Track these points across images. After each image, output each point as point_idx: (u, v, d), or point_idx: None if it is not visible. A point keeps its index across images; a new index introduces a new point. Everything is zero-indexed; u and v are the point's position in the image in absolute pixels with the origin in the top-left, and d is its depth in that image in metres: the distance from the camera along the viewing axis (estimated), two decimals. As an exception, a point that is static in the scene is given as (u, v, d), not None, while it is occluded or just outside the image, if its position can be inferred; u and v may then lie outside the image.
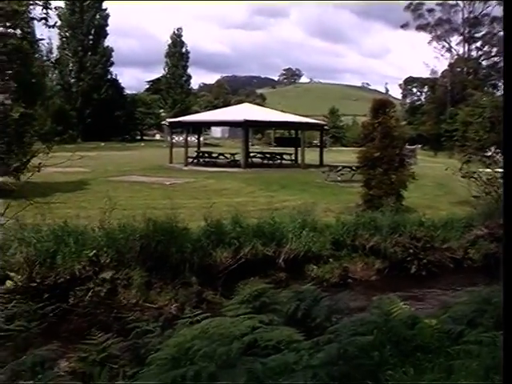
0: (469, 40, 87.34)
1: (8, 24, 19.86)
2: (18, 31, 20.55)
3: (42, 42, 21.37)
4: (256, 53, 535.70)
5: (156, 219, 15.36)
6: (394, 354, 6.07)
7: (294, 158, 46.19)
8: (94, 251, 14.25)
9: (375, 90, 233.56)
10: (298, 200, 24.40)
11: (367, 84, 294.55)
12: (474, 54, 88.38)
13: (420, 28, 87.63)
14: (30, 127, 23.74)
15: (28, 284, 13.49)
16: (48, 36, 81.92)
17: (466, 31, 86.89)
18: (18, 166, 11.21)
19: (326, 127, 54.36)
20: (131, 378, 6.68)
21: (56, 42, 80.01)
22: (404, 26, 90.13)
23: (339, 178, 32.95)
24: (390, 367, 5.72)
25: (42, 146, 10.85)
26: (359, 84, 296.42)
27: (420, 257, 18.10)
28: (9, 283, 13.47)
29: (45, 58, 72.92)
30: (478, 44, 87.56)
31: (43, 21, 16.64)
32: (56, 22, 11.17)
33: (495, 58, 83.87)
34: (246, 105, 57.80)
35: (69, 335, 11.56)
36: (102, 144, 66.28)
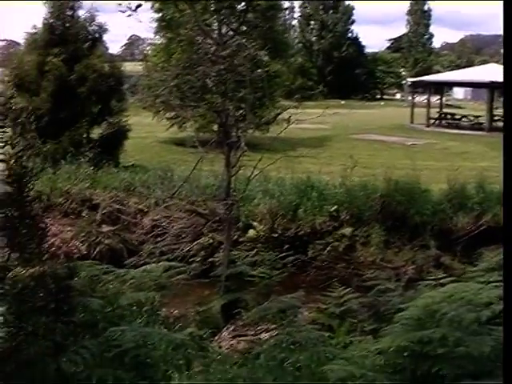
0: None
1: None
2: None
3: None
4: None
5: (397, 179, 15.25)
6: None
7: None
8: (335, 207, 14.47)
9: None
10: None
11: None
12: None
13: None
14: (276, 84, 24.52)
15: (269, 234, 14.06)
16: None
17: None
18: (268, 120, 11.69)
19: None
20: (369, 334, 6.76)
21: (297, 2, 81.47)
22: None
23: None
24: None
25: (288, 103, 11.12)
26: None
27: None
28: (251, 232, 14.15)
29: (287, 16, 74.92)
30: None
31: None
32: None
33: None
34: (491, 65, 55.23)
35: (307, 286, 11.89)
36: (342, 102, 66.51)
